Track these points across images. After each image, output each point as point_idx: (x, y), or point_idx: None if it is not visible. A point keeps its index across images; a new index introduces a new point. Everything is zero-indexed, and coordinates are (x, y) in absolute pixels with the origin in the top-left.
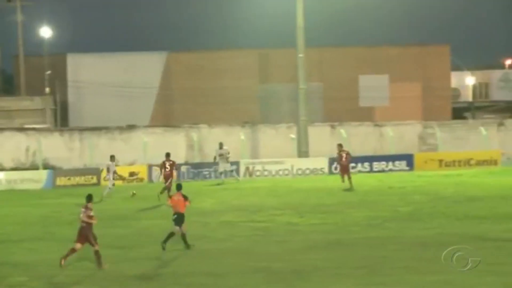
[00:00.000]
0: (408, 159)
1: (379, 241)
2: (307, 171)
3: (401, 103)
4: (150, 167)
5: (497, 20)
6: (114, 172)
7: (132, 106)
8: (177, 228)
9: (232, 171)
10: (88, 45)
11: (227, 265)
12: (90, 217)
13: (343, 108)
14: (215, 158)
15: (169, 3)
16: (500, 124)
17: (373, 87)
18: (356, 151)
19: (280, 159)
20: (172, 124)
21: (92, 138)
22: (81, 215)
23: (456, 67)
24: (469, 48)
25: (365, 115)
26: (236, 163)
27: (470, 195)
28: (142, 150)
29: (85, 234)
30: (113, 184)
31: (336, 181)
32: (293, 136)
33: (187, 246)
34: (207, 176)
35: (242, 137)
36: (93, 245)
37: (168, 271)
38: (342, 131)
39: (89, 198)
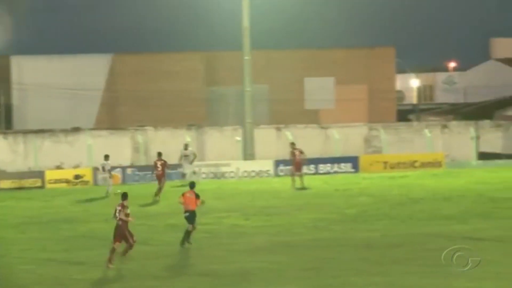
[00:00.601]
0: (354, 161)
1: (325, 243)
2: (253, 174)
3: (346, 106)
4: (95, 170)
5: (442, 23)
6: (109, 171)
7: (77, 109)
8: (190, 225)
9: (194, 173)
10: (33, 47)
11: (174, 268)
12: (127, 215)
13: (289, 111)
14: (180, 158)
15: (115, 6)
16: (444, 127)
17: (319, 89)
18: None
19: (226, 162)
20: (118, 127)
21: (37, 141)
22: (117, 213)
23: (401, 70)
24: (413, 50)
25: (311, 117)
26: (181, 165)
27: (414, 197)
28: (87, 153)
29: (122, 233)
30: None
31: (282, 183)
32: (239, 138)
33: (183, 242)
34: (153, 178)
35: (188, 139)
36: (129, 243)
37: (115, 275)
38: (288, 133)
39: (125, 196)
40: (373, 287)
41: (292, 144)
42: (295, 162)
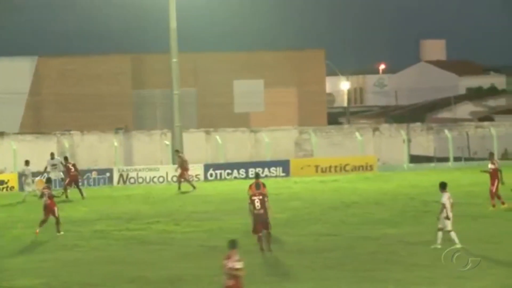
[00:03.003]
0: (284, 165)
1: (256, 248)
2: (182, 179)
3: (276, 109)
4: (20, 175)
5: (371, 25)
6: (29, 176)
7: (0, 113)
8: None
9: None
10: None
11: (102, 275)
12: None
13: (218, 114)
14: (45, 168)
15: (39, 7)
16: (375, 130)
17: (248, 92)
18: (231, 158)
19: (154, 166)
20: (43, 131)
21: None
22: (45, 194)
23: (331, 72)
24: (343, 53)
25: (241, 121)
26: (110, 170)
27: (346, 201)
28: (12, 158)
29: (51, 209)
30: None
31: (212, 187)
32: (167, 142)
33: None
34: (80, 184)
35: (116, 143)
36: (56, 216)
37: (42, 282)
38: (217, 137)
39: (49, 180)
40: None
41: (177, 151)
42: (183, 168)
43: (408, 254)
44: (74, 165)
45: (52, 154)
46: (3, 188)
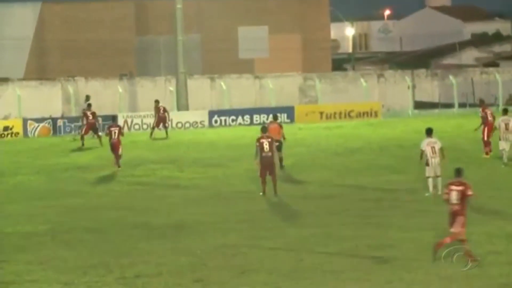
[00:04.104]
0: (289, 111)
1: (259, 195)
2: (187, 125)
3: (281, 55)
4: (25, 121)
5: None
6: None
7: (4, 59)
8: (280, 152)
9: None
10: None
11: (107, 221)
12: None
13: (222, 60)
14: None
15: None
16: (380, 76)
17: (253, 38)
18: (236, 104)
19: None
20: (47, 77)
21: None
22: (113, 134)
23: (336, 18)
24: None
25: (245, 67)
26: (114, 117)
27: (350, 147)
28: (17, 104)
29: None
30: None
31: (217, 134)
32: (172, 89)
33: (282, 166)
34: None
35: (120, 90)
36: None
37: (47, 228)
38: (222, 83)
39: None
40: (308, 239)
41: (157, 101)
42: (159, 118)
43: (412, 200)
44: (93, 113)
45: (87, 97)
46: (7, 134)
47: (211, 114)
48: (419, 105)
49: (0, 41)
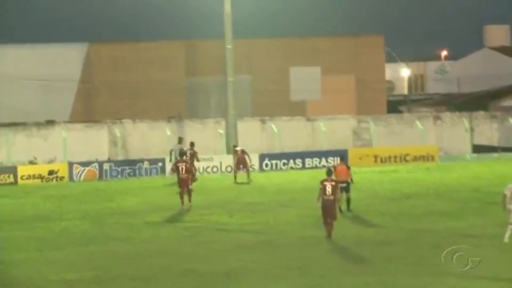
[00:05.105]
0: (342, 155)
1: (312, 241)
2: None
3: (333, 97)
4: (70, 164)
5: (433, 10)
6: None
7: (51, 101)
8: (348, 194)
9: None
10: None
11: (153, 268)
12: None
13: (273, 102)
14: (171, 153)
15: None
16: (437, 118)
17: (305, 79)
18: (287, 147)
19: (208, 156)
20: (94, 120)
21: (9, 135)
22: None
23: (391, 59)
24: (403, 39)
25: (297, 109)
26: (162, 160)
27: (406, 192)
28: (62, 147)
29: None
30: None
31: (267, 178)
32: (221, 131)
33: (349, 210)
34: (131, 174)
35: (168, 132)
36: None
37: (92, 275)
38: (273, 125)
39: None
40: (364, 287)
41: (234, 146)
42: (238, 160)
43: (472, 247)
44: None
45: (180, 139)
46: (53, 178)
47: (262, 157)
48: (478, 149)
49: (47, 82)
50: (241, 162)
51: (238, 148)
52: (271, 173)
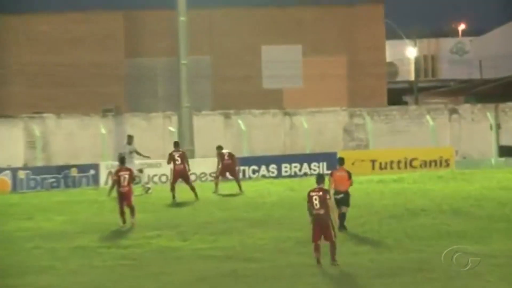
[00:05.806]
0: (330, 159)
1: (292, 271)
2: (193, 177)
3: (319, 84)
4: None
5: None
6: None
7: None
8: (344, 207)
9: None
10: None
11: None
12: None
13: (240, 91)
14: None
15: None
16: (453, 111)
17: (281, 62)
18: (258, 149)
19: (155, 161)
20: (5, 114)
21: None
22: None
23: (393, 35)
24: (410, 10)
25: (271, 100)
26: (95, 167)
27: (413, 208)
28: None
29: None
30: None
31: (232, 189)
32: (172, 129)
33: (342, 227)
34: (54, 184)
35: (103, 130)
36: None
37: None
38: (240, 121)
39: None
40: None
41: (219, 147)
42: (223, 166)
43: (497, 278)
44: (181, 155)
45: (129, 138)
46: None
47: None
48: (506, 151)
49: None
50: (227, 168)
51: (224, 151)
52: (236, 184)
